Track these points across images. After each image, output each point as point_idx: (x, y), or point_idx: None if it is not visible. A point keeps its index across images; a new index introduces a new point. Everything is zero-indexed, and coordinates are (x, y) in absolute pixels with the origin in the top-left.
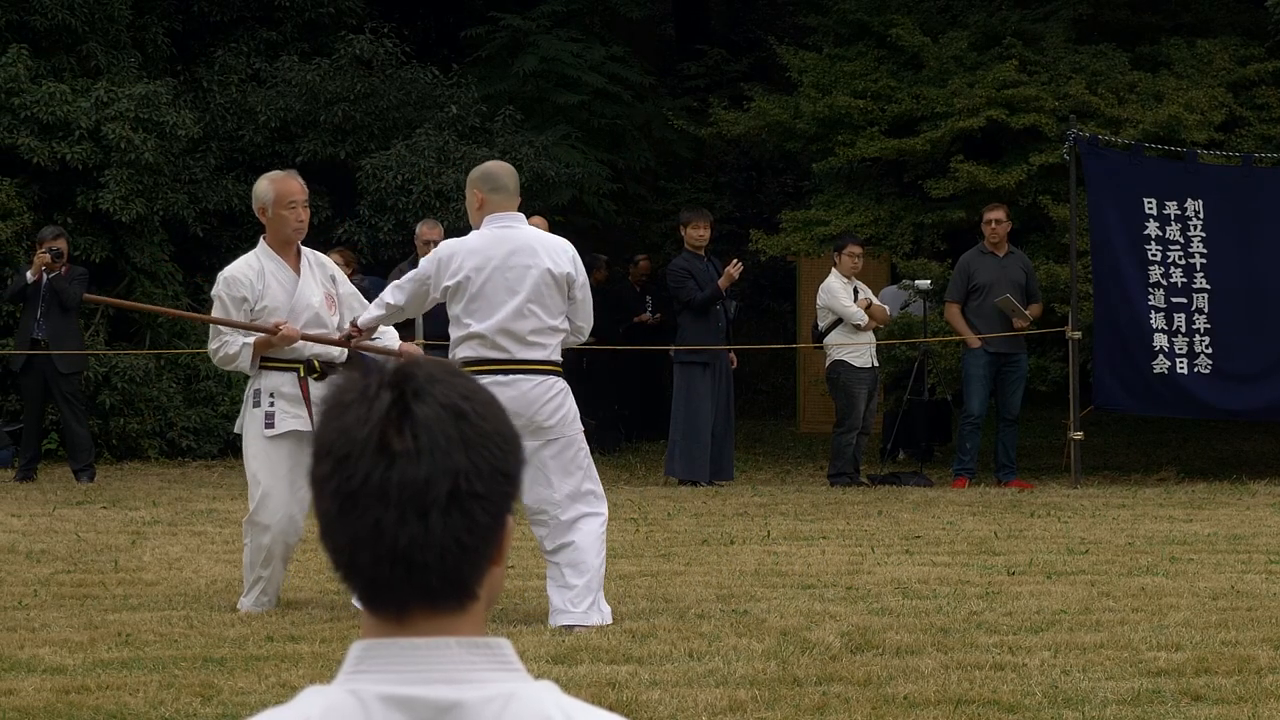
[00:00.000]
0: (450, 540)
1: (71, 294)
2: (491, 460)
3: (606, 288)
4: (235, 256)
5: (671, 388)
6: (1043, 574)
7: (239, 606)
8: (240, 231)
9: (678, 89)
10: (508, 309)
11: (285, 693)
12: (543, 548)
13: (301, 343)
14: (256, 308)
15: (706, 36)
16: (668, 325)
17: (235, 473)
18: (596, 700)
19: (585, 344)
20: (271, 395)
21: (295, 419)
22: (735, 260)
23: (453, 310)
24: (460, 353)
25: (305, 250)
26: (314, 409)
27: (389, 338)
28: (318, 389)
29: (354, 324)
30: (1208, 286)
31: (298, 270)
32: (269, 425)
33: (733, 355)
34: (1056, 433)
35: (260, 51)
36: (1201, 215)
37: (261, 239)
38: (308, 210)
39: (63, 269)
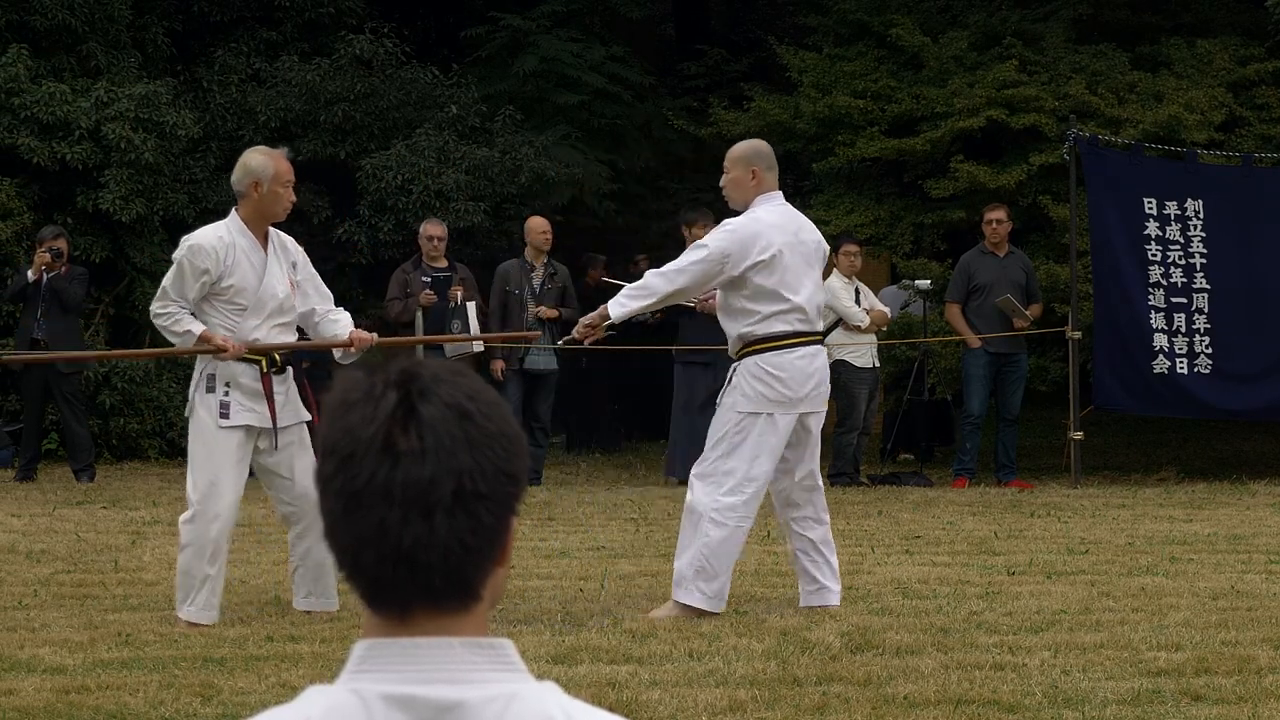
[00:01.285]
0: (454, 541)
1: (72, 294)
2: (496, 461)
3: (607, 289)
4: None
5: (672, 388)
6: (1043, 574)
7: (181, 616)
8: None
9: (678, 89)
10: (811, 283)
11: (285, 693)
12: (796, 530)
13: (265, 335)
14: (222, 284)
15: (706, 36)
16: (668, 325)
17: None
18: (597, 700)
19: (584, 345)
20: (228, 384)
21: (250, 413)
22: None
23: (758, 284)
24: (773, 327)
25: (272, 230)
26: (320, 409)
27: (343, 323)
28: (279, 382)
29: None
30: (1208, 286)
31: (267, 255)
32: (224, 415)
33: None
34: (1056, 433)
35: (260, 51)
36: (1201, 215)
37: (234, 212)
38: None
39: (63, 269)
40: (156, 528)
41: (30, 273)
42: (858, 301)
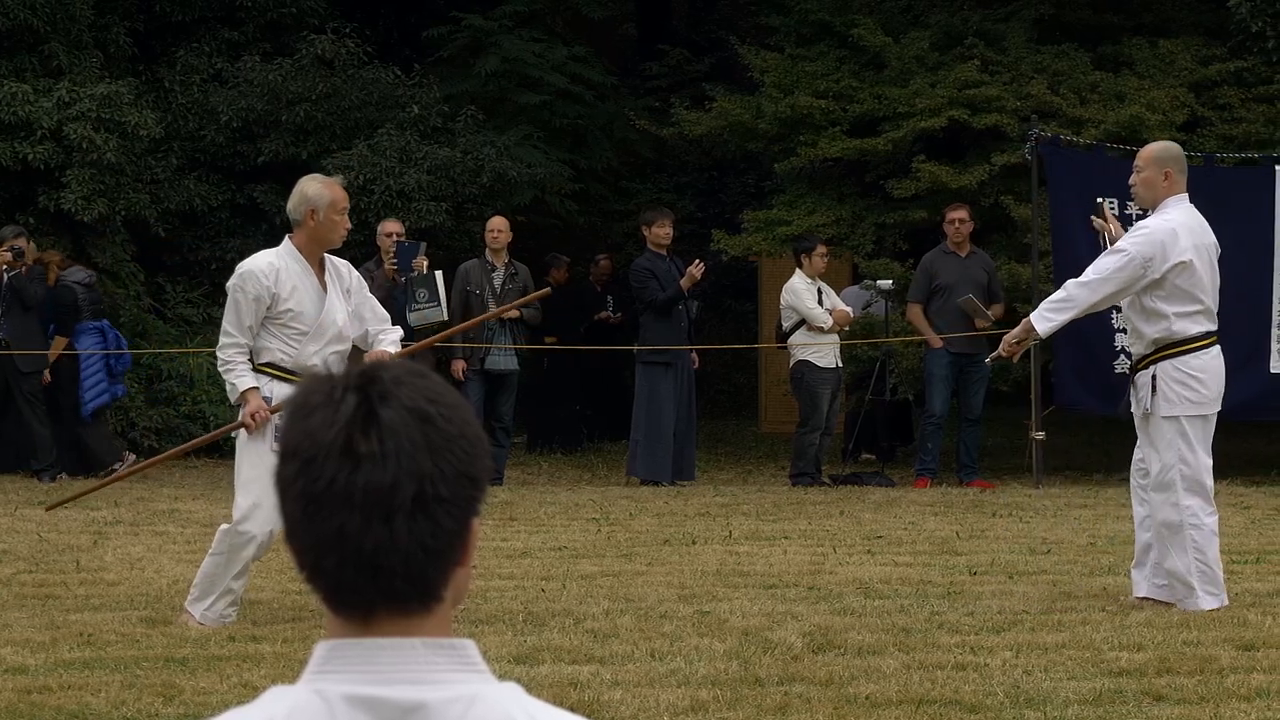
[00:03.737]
0: (415, 544)
1: (32, 293)
2: (457, 464)
3: (568, 287)
4: (197, 257)
5: (633, 388)
6: (1005, 574)
7: (194, 616)
8: (201, 231)
9: (640, 89)
10: (1214, 284)
11: (247, 693)
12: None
13: (315, 359)
14: (279, 309)
15: (668, 37)
16: (630, 325)
17: (197, 473)
18: (558, 700)
19: (551, 344)
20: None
21: None
22: (697, 261)
23: (1175, 285)
24: (1189, 329)
25: (327, 257)
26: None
27: (388, 341)
28: None
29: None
30: None
31: (323, 282)
32: (277, 439)
33: (695, 355)
34: (1018, 433)
35: (222, 51)
36: None
37: (288, 240)
38: None
39: (24, 269)
40: (118, 528)
41: None
42: (820, 302)
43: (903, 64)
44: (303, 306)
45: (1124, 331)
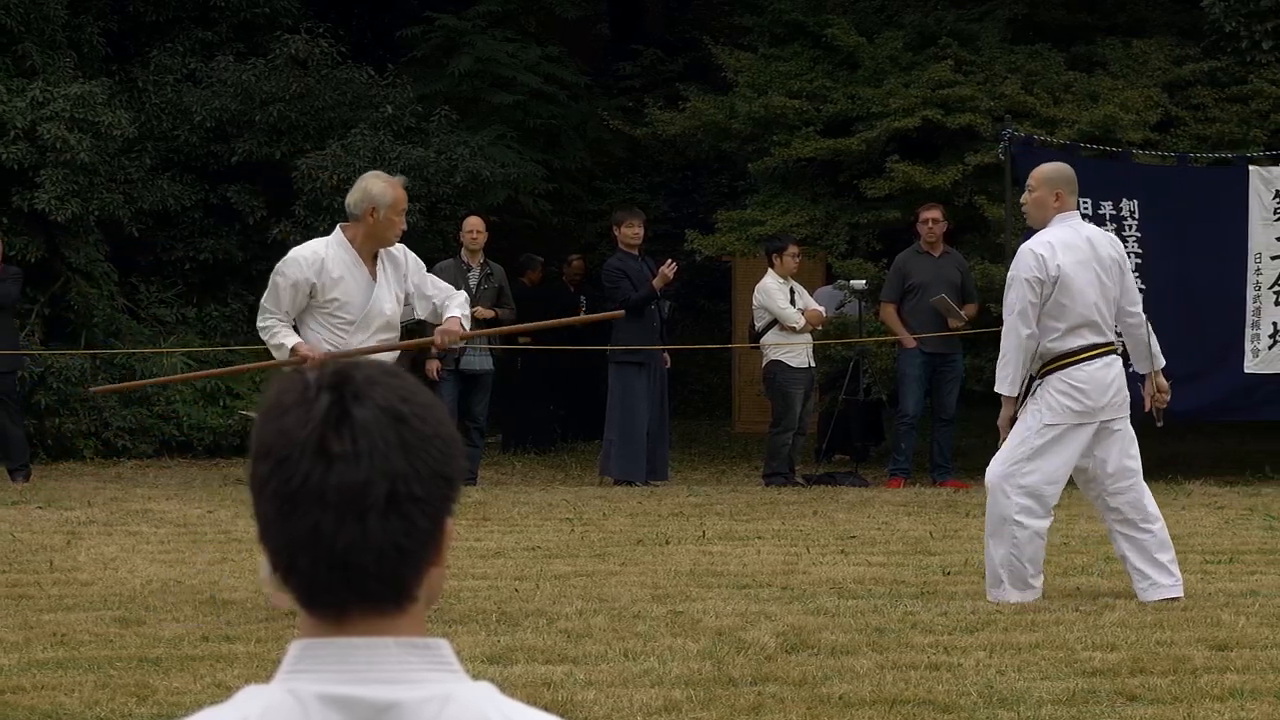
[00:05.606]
0: (388, 544)
1: (6, 293)
2: (430, 463)
3: (541, 288)
4: (171, 257)
5: (606, 388)
6: (978, 574)
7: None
8: (175, 231)
9: (613, 89)
10: (1108, 298)
11: (221, 693)
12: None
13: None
14: (325, 298)
15: (642, 37)
16: (603, 325)
17: (171, 473)
18: (532, 700)
19: (520, 345)
20: None
21: None
22: (670, 260)
23: (1053, 300)
24: (1070, 342)
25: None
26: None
27: (454, 304)
28: None
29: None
30: (1143, 286)
31: (373, 272)
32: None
33: (667, 355)
34: (992, 433)
35: (195, 51)
36: (1137, 215)
37: (340, 230)
38: None
39: None
40: (92, 528)
41: None
42: (792, 302)
43: (876, 64)
44: (349, 296)
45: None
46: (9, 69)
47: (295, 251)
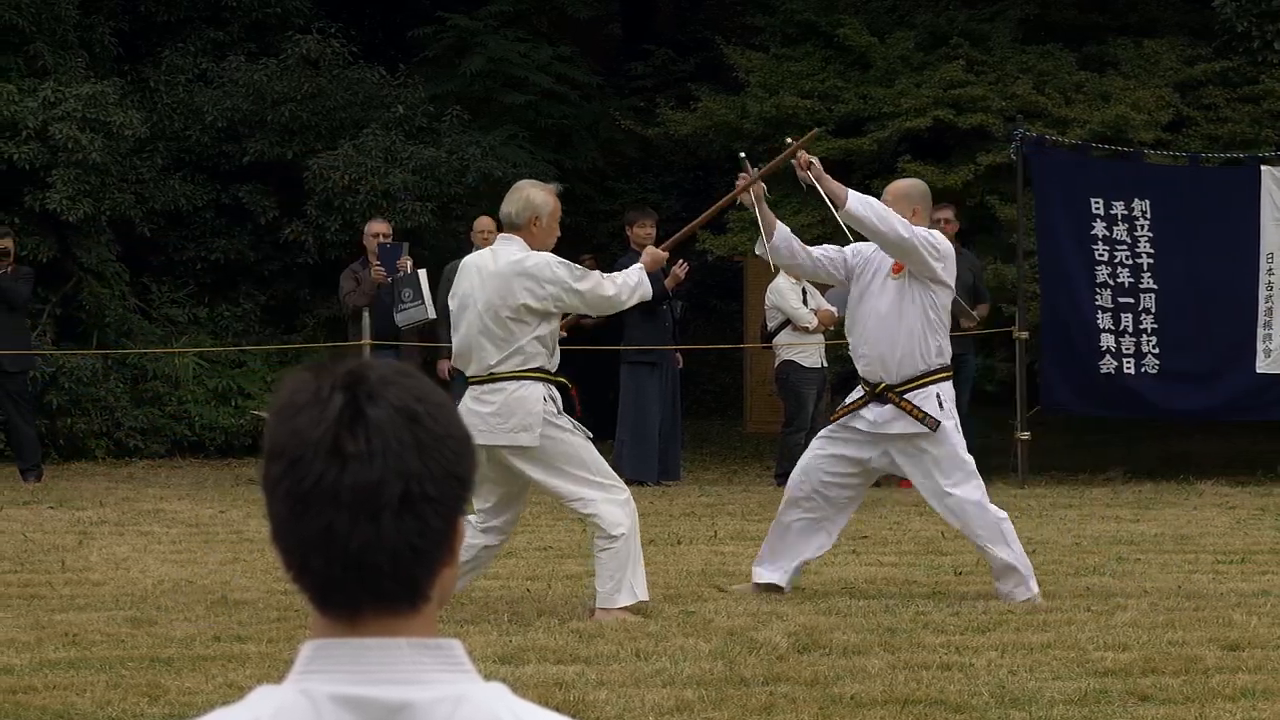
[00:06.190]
0: (402, 543)
1: (18, 293)
2: (444, 463)
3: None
4: (183, 257)
5: (618, 388)
6: (990, 574)
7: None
8: (187, 231)
9: (625, 89)
10: None
11: (232, 693)
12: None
13: None
14: None
15: (654, 37)
16: (615, 326)
17: (182, 473)
18: (544, 700)
19: None
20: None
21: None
22: (681, 261)
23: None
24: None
25: None
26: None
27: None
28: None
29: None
30: (1155, 286)
31: None
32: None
33: (679, 355)
34: (1003, 433)
35: (207, 51)
36: (1148, 215)
37: (508, 241)
38: None
39: (9, 268)
40: (103, 528)
41: None
42: (805, 302)
43: (888, 64)
44: None
45: (1110, 332)
46: (21, 69)
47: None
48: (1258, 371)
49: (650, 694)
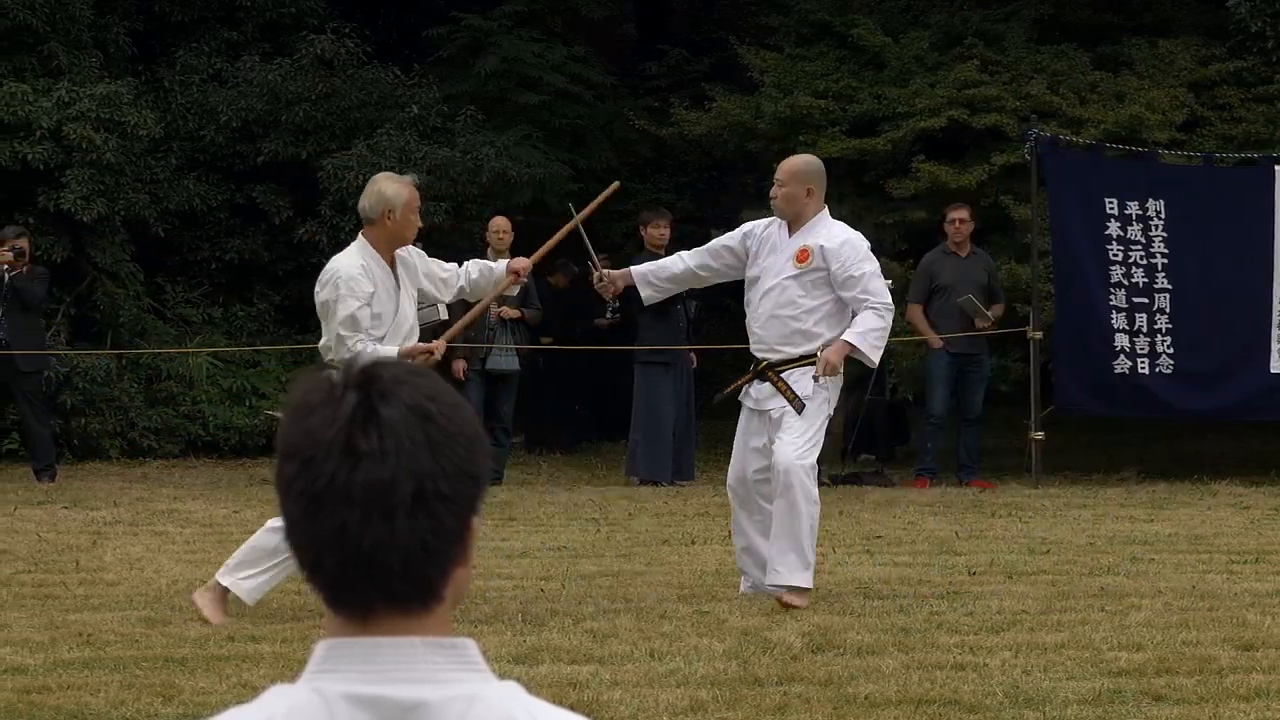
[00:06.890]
0: (415, 542)
1: (33, 293)
2: (457, 462)
3: (568, 290)
4: (197, 257)
5: (632, 388)
6: (1004, 574)
7: (236, 591)
8: (201, 232)
9: (639, 89)
10: None
11: (246, 692)
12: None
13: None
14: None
15: (668, 37)
16: (628, 326)
17: (196, 473)
18: (558, 700)
19: (547, 344)
20: None
21: None
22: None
23: None
24: None
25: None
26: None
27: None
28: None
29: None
30: (1169, 286)
31: (396, 277)
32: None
33: (693, 355)
34: (1018, 433)
35: (221, 51)
36: (1163, 215)
37: (362, 237)
38: None
39: (25, 268)
40: (117, 528)
41: None
42: None
43: (902, 64)
44: (382, 306)
45: (1124, 332)
46: (35, 69)
47: (344, 268)
48: (1271, 371)
49: (664, 694)
